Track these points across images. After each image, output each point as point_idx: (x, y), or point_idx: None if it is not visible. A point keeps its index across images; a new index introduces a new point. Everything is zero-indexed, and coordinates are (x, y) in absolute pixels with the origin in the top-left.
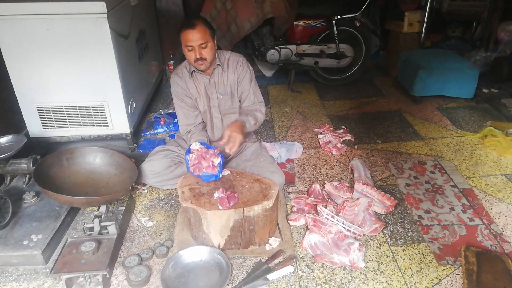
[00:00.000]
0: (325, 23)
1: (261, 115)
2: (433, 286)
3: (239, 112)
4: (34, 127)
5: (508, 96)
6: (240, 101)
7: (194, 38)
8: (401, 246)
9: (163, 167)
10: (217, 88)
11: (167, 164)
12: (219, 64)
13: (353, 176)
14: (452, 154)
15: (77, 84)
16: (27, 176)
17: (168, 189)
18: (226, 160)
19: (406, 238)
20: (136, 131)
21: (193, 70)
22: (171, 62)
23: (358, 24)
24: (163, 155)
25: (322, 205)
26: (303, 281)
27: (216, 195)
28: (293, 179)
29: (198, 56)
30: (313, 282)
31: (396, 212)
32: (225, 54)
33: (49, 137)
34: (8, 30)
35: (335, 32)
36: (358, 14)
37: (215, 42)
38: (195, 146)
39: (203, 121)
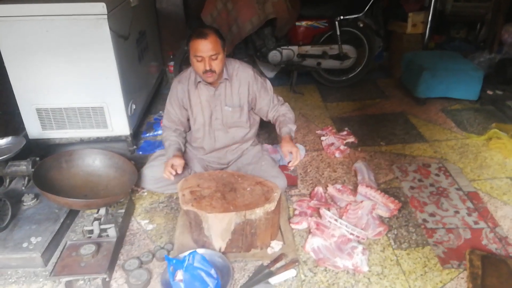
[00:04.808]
0: (328, 24)
1: (291, 114)
2: None
3: (275, 121)
4: (33, 129)
5: None
6: (263, 111)
7: (204, 48)
8: (405, 250)
9: None
10: (223, 101)
11: None
12: (226, 79)
13: (357, 179)
14: (457, 157)
15: (76, 86)
16: (26, 178)
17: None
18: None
19: (410, 241)
20: (136, 133)
21: (199, 81)
22: (171, 63)
23: (361, 25)
24: (164, 160)
25: (325, 208)
26: (306, 285)
27: None
28: (296, 182)
29: (207, 68)
30: (315, 286)
31: (400, 215)
32: (233, 64)
33: (48, 139)
34: (8, 32)
35: (338, 33)
36: (361, 15)
37: (225, 53)
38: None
39: (184, 131)
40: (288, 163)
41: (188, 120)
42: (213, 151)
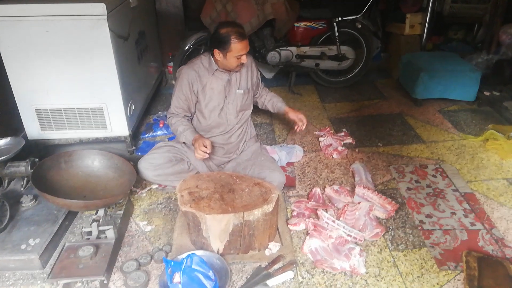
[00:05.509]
0: (326, 25)
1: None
2: None
3: (264, 100)
4: (33, 129)
5: (510, 99)
6: (255, 95)
7: (246, 46)
8: (402, 251)
9: (164, 161)
10: (234, 85)
11: (168, 158)
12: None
13: (354, 180)
14: (454, 158)
15: (76, 86)
16: (25, 179)
17: (167, 193)
18: (227, 161)
19: (407, 243)
20: (135, 134)
21: (216, 69)
22: (171, 64)
23: (359, 26)
24: (166, 149)
25: (322, 209)
26: (303, 287)
27: None
28: (294, 183)
29: (244, 61)
30: None
31: (397, 216)
32: None
33: (48, 139)
34: (7, 32)
35: (336, 34)
36: (359, 16)
37: None
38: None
39: (190, 118)
40: (297, 128)
41: (195, 106)
42: (222, 134)
